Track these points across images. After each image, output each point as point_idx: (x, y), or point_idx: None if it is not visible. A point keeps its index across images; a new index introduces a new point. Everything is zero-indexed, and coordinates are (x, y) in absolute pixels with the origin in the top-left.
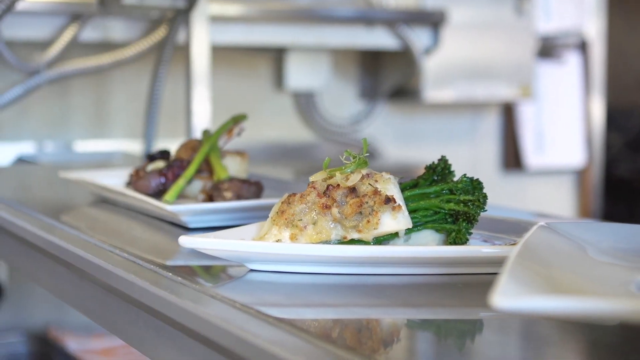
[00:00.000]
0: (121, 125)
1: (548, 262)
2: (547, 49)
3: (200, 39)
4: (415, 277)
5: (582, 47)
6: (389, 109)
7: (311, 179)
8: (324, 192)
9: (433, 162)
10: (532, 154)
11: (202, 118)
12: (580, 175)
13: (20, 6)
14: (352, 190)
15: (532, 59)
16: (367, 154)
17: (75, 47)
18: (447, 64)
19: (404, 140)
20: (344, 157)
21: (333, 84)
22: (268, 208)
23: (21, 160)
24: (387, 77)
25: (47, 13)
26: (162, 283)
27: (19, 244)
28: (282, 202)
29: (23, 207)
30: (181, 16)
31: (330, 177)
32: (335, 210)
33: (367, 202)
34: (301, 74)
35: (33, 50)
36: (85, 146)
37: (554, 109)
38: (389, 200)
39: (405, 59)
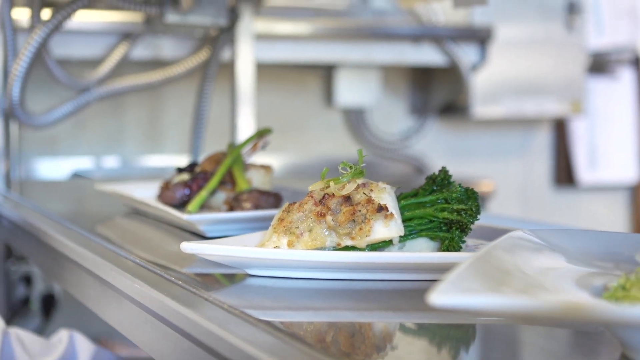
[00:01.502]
0: (173, 140)
1: (509, 267)
2: (600, 65)
3: (245, 56)
4: (407, 282)
5: (636, 62)
6: (439, 124)
7: (310, 188)
8: (320, 201)
9: (434, 173)
10: (585, 170)
11: (247, 134)
12: (634, 191)
13: (72, 25)
14: (347, 199)
15: (583, 75)
16: (364, 165)
17: (128, 65)
18: (496, 80)
19: (455, 155)
20: (341, 167)
21: (383, 100)
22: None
23: (76, 175)
24: (437, 93)
25: (98, 32)
26: (164, 287)
27: (48, 251)
28: (282, 211)
29: (61, 219)
30: (224, 34)
31: (327, 187)
32: (329, 217)
33: (360, 211)
34: (351, 91)
35: (85, 68)
36: (139, 161)
37: (607, 124)
38: (381, 208)
39: (454, 75)
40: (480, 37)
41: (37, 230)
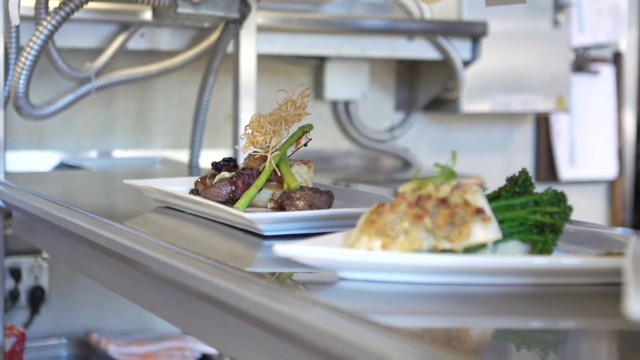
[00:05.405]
0: (162, 134)
1: None
2: (581, 62)
3: (249, 49)
4: (502, 287)
5: (615, 59)
6: (423, 119)
7: (400, 189)
8: (416, 203)
9: (514, 175)
10: (566, 166)
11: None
12: (612, 186)
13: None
14: (443, 201)
15: (568, 71)
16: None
17: (119, 55)
18: (485, 75)
19: (438, 150)
20: (434, 168)
21: (370, 94)
22: (344, 217)
23: (64, 165)
24: (425, 87)
25: (102, 22)
26: (258, 290)
27: (97, 252)
28: (372, 212)
29: (94, 214)
30: (233, 26)
31: (419, 188)
32: (427, 220)
33: (458, 213)
34: (340, 84)
35: (76, 58)
36: (127, 155)
37: (587, 121)
38: (479, 211)
39: (443, 69)
40: (474, 33)
41: (76, 227)
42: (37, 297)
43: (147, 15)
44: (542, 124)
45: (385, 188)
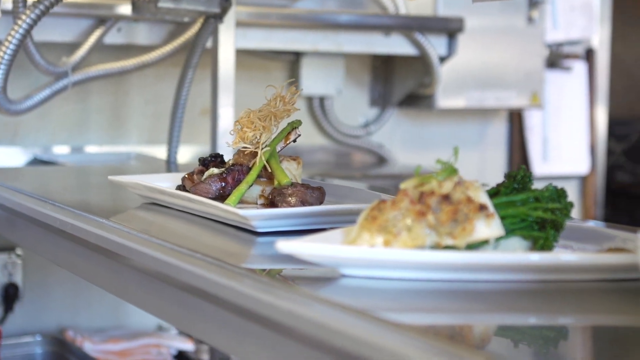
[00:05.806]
0: (137, 130)
1: None
2: (554, 58)
3: (227, 44)
4: (504, 283)
5: (587, 56)
6: (398, 114)
7: (402, 186)
8: (419, 199)
9: (513, 171)
10: (538, 162)
11: (226, 122)
12: (584, 182)
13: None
14: (445, 197)
15: (542, 67)
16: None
17: (95, 50)
18: (460, 70)
19: (413, 146)
20: (436, 164)
21: (345, 89)
22: (337, 214)
23: (37, 160)
24: (400, 83)
25: (78, 16)
26: (260, 287)
27: (84, 249)
28: (373, 209)
29: (80, 210)
30: (214, 21)
31: (421, 185)
32: (430, 217)
33: (461, 210)
34: (315, 79)
35: (51, 52)
36: (102, 150)
37: (560, 117)
38: (482, 207)
39: (418, 65)
40: (451, 29)
41: (63, 223)
42: (10, 295)
43: (125, 9)
44: (516, 120)
45: (362, 183)
